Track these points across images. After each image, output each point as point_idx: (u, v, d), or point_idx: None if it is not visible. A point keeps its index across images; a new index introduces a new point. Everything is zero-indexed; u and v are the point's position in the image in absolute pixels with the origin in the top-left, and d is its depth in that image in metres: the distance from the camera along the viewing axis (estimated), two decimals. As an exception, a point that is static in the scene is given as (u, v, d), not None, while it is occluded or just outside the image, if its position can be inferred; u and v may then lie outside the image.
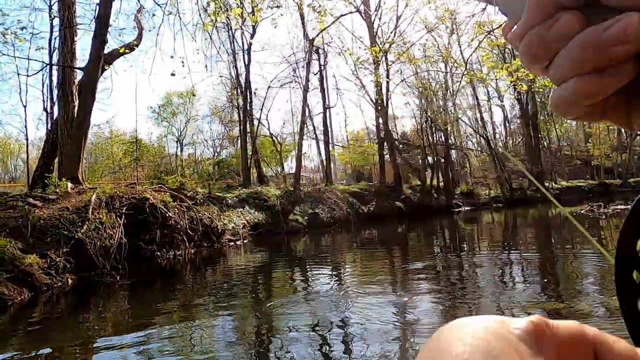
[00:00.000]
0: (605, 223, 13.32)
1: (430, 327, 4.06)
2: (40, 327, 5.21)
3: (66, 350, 4.18)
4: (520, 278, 6.33)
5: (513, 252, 9.25)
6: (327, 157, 24.97)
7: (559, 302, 4.62)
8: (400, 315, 4.49)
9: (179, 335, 4.43)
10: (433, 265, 7.82)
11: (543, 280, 6.02)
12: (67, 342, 4.41)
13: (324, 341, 3.79)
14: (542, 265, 7.34)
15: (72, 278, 7.65)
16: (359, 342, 3.61)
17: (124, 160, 29.17)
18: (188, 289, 7.25)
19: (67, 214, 8.69)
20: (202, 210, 12.55)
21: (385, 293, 5.62)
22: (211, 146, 36.39)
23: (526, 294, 5.13)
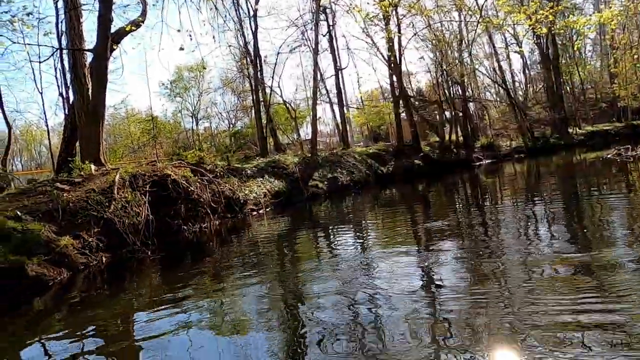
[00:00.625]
0: (634, 166, 12.92)
1: (455, 285, 4.10)
2: (81, 303, 5.51)
3: (107, 322, 4.42)
4: (545, 229, 6.27)
5: (537, 202, 9.11)
6: (342, 119, 24.68)
7: (585, 253, 4.55)
8: (424, 274, 4.54)
9: (211, 303, 4.61)
10: (455, 220, 7.81)
11: (569, 230, 5.95)
12: (108, 315, 4.66)
13: (351, 304, 3.88)
14: (567, 214, 7.23)
15: (106, 256, 7.97)
16: (386, 304, 3.68)
17: (142, 139, 29.56)
18: (216, 259, 7.48)
19: (94, 195, 8.95)
20: (222, 182, 12.73)
21: (408, 252, 5.68)
22: (226, 118, 36.42)
23: (552, 246, 5.08)
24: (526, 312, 3.10)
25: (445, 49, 24.46)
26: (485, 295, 3.59)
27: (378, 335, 3.10)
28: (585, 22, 12.56)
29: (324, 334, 3.21)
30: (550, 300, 3.25)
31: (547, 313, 3.04)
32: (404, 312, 3.41)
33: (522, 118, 27.81)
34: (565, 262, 4.25)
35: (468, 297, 3.59)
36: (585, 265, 4.06)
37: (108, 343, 3.84)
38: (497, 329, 2.89)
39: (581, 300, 3.21)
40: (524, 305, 3.21)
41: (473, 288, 3.84)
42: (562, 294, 3.35)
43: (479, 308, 3.30)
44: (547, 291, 3.49)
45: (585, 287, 3.49)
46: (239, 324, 3.86)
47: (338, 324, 3.36)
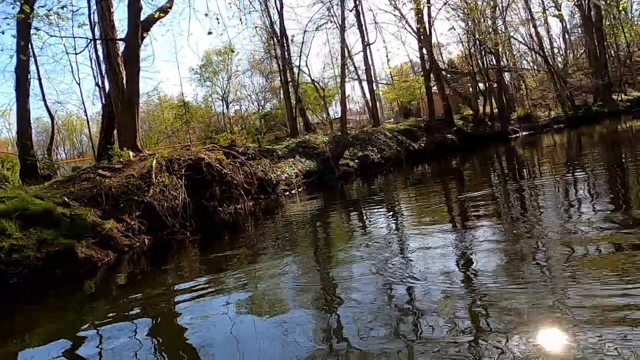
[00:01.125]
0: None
1: (493, 265, 4.04)
2: (128, 283, 5.84)
3: (153, 302, 4.67)
4: (587, 202, 6.01)
5: (578, 174, 8.73)
6: (372, 96, 24.30)
7: (630, 230, 4.36)
8: (460, 254, 4.48)
9: (248, 282, 4.77)
10: (491, 196, 7.63)
11: (612, 205, 5.69)
12: (153, 295, 4.92)
13: (386, 284, 3.90)
14: (611, 187, 6.90)
15: (148, 238, 8.35)
16: (421, 285, 3.67)
17: (176, 124, 30.29)
18: (251, 240, 7.68)
19: (134, 181, 9.32)
20: (254, 164, 12.93)
21: (443, 231, 5.61)
22: (255, 100, 36.72)
23: (594, 220, 4.89)
24: (569, 293, 3.03)
25: (478, 17, 23.40)
26: (524, 276, 3.53)
27: (414, 316, 3.11)
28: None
29: (360, 316, 3.24)
30: (594, 281, 3.16)
31: (591, 295, 2.96)
32: (439, 293, 3.37)
33: (562, 86, 26.45)
34: (607, 239, 4.09)
35: (506, 278, 3.53)
36: (628, 243, 3.89)
37: (154, 322, 4.07)
38: (537, 310, 2.85)
39: (627, 279, 3.10)
40: (567, 286, 3.13)
41: (511, 268, 3.78)
42: (607, 275, 3.25)
43: (518, 289, 3.24)
44: (590, 270, 3.39)
45: (630, 266, 3.36)
46: (276, 303, 3.98)
47: (374, 306, 3.37)
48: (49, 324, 4.58)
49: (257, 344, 3.13)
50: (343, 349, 2.81)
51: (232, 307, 3.98)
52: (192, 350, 3.27)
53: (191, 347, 3.32)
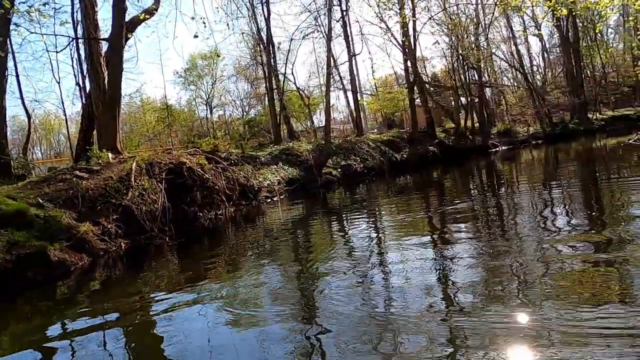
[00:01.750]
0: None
1: (471, 281, 4.08)
2: (102, 288, 5.68)
3: (127, 307, 4.54)
4: (562, 213, 6.17)
5: (554, 188, 8.97)
6: (356, 106, 24.50)
7: (602, 235, 4.50)
8: (439, 267, 4.52)
9: (226, 289, 4.70)
10: (471, 207, 7.75)
11: (586, 214, 5.85)
12: (127, 300, 4.79)
13: (365, 296, 3.89)
14: (585, 199, 7.10)
15: (125, 242, 8.15)
16: (400, 297, 3.66)
17: (158, 127, 29.87)
18: (231, 245, 7.59)
19: (112, 183, 9.12)
20: (237, 170, 12.83)
21: (422, 241, 5.66)
22: (239, 106, 36.55)
23: (568, 228, 5.02)
24: (544, 310, 3.08)
25: (462, 33, 23.95)
26: (501, 293, 3.57)
27: (392, 332, 3.09)
28: (609, 3, 12.12)
29: (338, 329, 3.22)
30: (568, 299, 3.22)
31: (565, 313, 3.01)
32: (418, 308, 3.38)
33: (540, 103, 27.20)
34: (581, 240, 4.19)
35: (483, 294, 3.57)
36: (601, 242, 4.00)
37: (127, 331, 3.96)
38: (512, 327, 2.88)
39: (599, 298, 3.17)
40: (541, 304, 3.16)
41: (488, 284, 3.82)
42: (579, 293, 3.32)
43: (495, 305, 3.27)
44: (564, 289, 3.46)
45: (601, 284, 3.45)
46: (253, 311, 3.93)
47: (353, 319, 3.36)
48: (14, 330, 4.41)
49: (234, 356, 3.07)
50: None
51: (210, 317, 3.89)
52: (166, 357, 3.19)
53: (165, 359, 3.24)
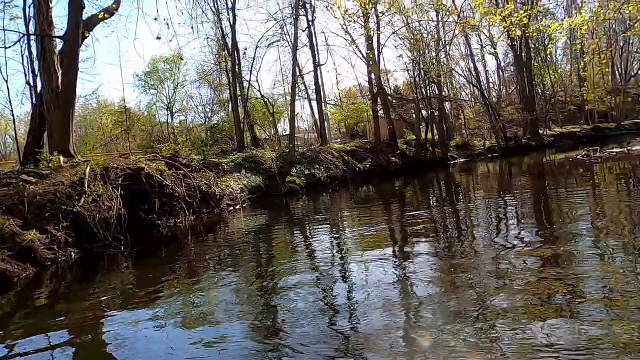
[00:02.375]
0: (601, 168, 13.42)
1: (430, 279, 4.15)
2: (49, 301, 5.30)
3: (76, 321, 4.25)
4: (515, 226, 6.42)
5: (508, 199, 9.36)
6: (321, 116, 24.65)
7: (554, 246, 4.73)
8: (401, 277, 4.57)
9: (184, 300, 4.52)
10: (430, 218, 7.92)
11: (537, 227, 6.12)
12: (78, 315, 4.48)
13: (328, 308, 3.85)
14: (536, 212, 7.45)
15: (76, 252, 7.70)
16: (361, 310, 3.64)
17: (115, 131, 28.74)
18: (191, 256, 7.34)
19: (63, 189, 8.63)
20: (198, 177, 12.51)
21: (383, 250, 5.71)
22: (202, 112, 35.80)
23: (522, 239, 5.23)
24: (497, 327, 3.16)
25: (423, 49, 24.74)
26: (457, 305, 3.64)
27: (353, 343, 3.07)
28: (558, 27, 12.94)
29: (299, 341, 3.16)
30: (520, 312, 3.32)
31: (517, 328, 3.10)
32: (378, 319, 3.38)
33: (496, 119, 28.47)
34: (534, 252, 4.37)
35: (441, 308, 3.63)
36: (551, 257, 4.19)
37: (76, 343, 3.70)
38: (468, 342, 2.94)
39: (549, 311, 3.30)
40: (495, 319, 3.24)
41: (445, 298, 3.89)
42: (530, 305, 3.44)
43: (451, 318, 3.33)
44: (516, 301, 3.58)
45: (552, 279, 3.60)
46: (212, 322, 3.78)
47: (313, 329, 3.32)
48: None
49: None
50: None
51: (167, 333, 3.69)
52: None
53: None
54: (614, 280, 3.58)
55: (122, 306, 4.60)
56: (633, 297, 3.14)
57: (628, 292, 3.27)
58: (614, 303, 3.11)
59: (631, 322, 2.76)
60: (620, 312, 2.95)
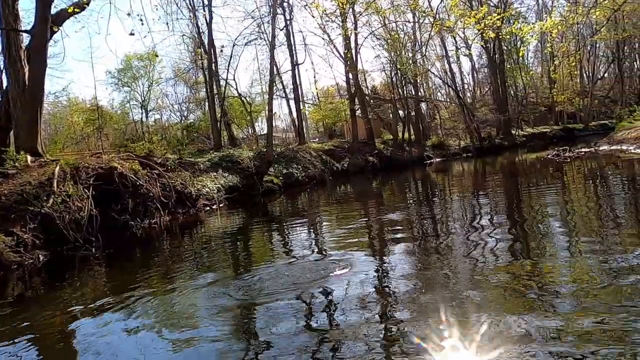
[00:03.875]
0: (569, 167, 13.88)
1: (405, 275, 4.19)
2: (14, 305, 5.08)
3: (43, 326, 4.09)
4: (488, 224, 6.54)
5: (482, 197, 9.57)
6: (299, 115, 24.60)
7: (525, 242, 4.86)
8: (377, 268, 4.60)
9: (159, 303, 4.41)
10: (407, 217, 8.00)
11: (509, 225, 6.27)
12: (44, 319, 4.32)
13: (304, 307, 3.83)
14: (508, 209, 7.64)
15: (44, 254, 7.43)
16: (339, 310, 3.64)
17: (86, 130, 27.89)
18: (166, 257, 7.19)
19: (30, 189, 8.31)
20: (174, 176, 12.27)
21: (361, 252, 5.73)
22: (177, 110, 35.17)
23: (493, 240, 5.34)
24: (472, 319, 3.22)
25: (400, 49, 25.02)
26: (433, 302, 3.69)
27: (330, 341, 3.08)
28: (530, 29, 13.30)
29: (276, 339, 3.15)
30: (494, 305, 3.40)
31: (494, 319, 3.16)
32: (355, 317, 3.40)
33: (470, 119, 29.07)
34: (506, 268, 4.47)
35: (417, 304, 3.67)
36: (522, 253, 4.30)
37: (43, 350, 3.57)
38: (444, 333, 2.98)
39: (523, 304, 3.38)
40: (471, 312, 3.32)
41: (422, 295, 3.93)
42: (504, 299, 3.52)
43: (428, 312, 3.38)
44: (490, 294, 3.65)
45: (523, 274, 3.69)
46: (188, 330, 3.67)
47: (289, 328, 3.30)
48: None
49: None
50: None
51: (140, 336, 3.59)
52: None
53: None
54: (581, 275, 3.70)
55: (92, 310, 4.45)
56: (599, 290, 3.26)
57: (594, 285, 3.39)
58: (581, 296, 3.22)
59: (597, 314, 2.86)
60: (586, 304, 3.07)
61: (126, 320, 3.98)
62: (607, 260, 3.96)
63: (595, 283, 3.45)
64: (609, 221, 5.83)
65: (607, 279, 3.50)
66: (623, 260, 3.89)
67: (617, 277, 3.52)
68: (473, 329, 2.87)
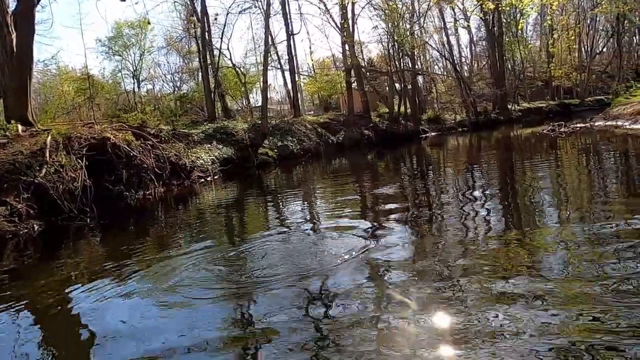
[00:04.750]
0: (564, 141, 13.92)
1: (400, 258, 4.25)
2: (10, 274, 5.11)
3: (41, 294, 4.14)
4: (481, 196, 6.60)
5: (476, 171, 9.62)
6: (294, 87, 24.26)
7: (517, 213, 4.94)
8: (371, 237, 4.65)
9: (155, 270, 4.46)
10: (401, 191, 8.05)
11: (502, 197, 6.34)
12: (42, 287, 4.36)
13: (298, 274, 3.88)
14: (501, 183, 7.69)
15: (39, 224, 7.42)
16: (332, 279, 3.70)
17: (77, 99, 27.35)
18: (161, 227, 7.23)
19: (22, 159, 8.23)
20: (167, 147, 12.18)
21: (356, 225, 5.76)
22: (170, 81, 34.49)
23: (487, 208, 5.41)
24: (461, 283, 3.29)
25: (398, 20, 24.48)
26: (426, 265, 3.76)
27: (321, 300, 3.17)
28: (530, 1, 13.06)
29: (269, 303, 3.23)
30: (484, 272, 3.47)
31: (480, 283, 3.24)
32: (349, 282, 3.47)
33: (467, 93, 28.83)
34: (497, 237, 4.55)
35: (410, 270, 3.74)
36: (514, 223, 4.38)
37: (40, 317, 3.62)
38: (435, 299, 3.05)
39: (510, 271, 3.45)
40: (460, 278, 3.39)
41: (414, 261, 4.00)
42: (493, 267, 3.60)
43: (420, 277, 3.45)
44: (481, 264, 3.72)
45: (514, 243, 3.77)
46: (184, 295, 3.73)
47: (284, 296, 3.36)
48: None
49: (162, 338, 2.93)
50: (251, 335, 2.74)
51: (136, 301, 3.66)
52: (87, 345, 2.96)
53: (86, 341, 3.01)
54: (569, 242, 3.79)
55: (88, 277, 4.50)
56: (584, 256, 3.37)
57: (580, 252, 3.50)
58: (567, 261, 3.36)
59: (581, 278, 2.98)
60: (572, 269, 3.20)
61: (121, 286, 4.04)
62: (593, 228, 4.09)
63: (581, 250, 3.57)
64: (599, 193, 5.97)
65: (593, 246, 3.63)
66: (609, 228, 4.02)
67: (602, 244, 3.64)
68: (462, 292, 2.95)
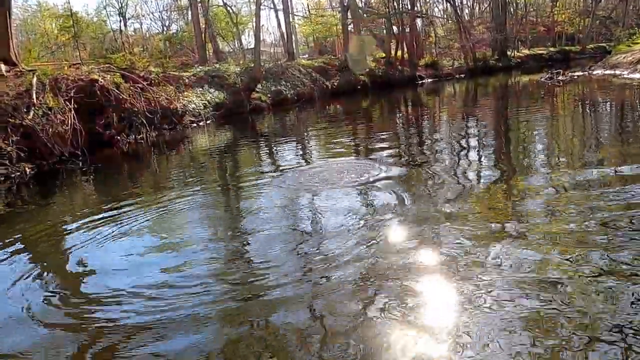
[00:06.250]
0: (561, 90, 13.75)
1: (391, 189, 4.32)
2: (4, 216, 5.16)
3: (36, 235, 4.21)
4: (474, 145, 6.63)
5: (471, 120, 9.57)
6: (287, 29, 23.31)
7: (508, 164, 5.02)
8: (364, 182, 4.71)
9: (148, 212, 4.52)
10: (395, 136, 8.04)
11: (496, 145, 6.37)
12: (36, 227, 4.43)
13: (293, 219, 3.97)
14: (495, 132, 7.70)
15: (30, 167, 7.39)
16: (324, 220, 3.79)
17: (61, 38, 26.19)
18: (154, 172, 7.23)
19: (8, 100, 8.01)
20: (158, 91, 11.87)
21: (349, 164, 5.80)
22: (159, 19, 32.98)
23: (479, 158, 5.46)
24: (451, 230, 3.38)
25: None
26: (416, 215, 3.84)
27: (314, 235, 3.31)
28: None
29: (262, 240, 3.35)
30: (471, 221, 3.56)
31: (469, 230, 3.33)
32: (342, 224, 3.57)
33: (467, 38, 27.92)
34: (490, 171, 4.62)
35: (400, 216, 3.82)
36: (505, 173, 4.46)
37: (35, 256, 3.71)
38: (425, 246, 3.16)
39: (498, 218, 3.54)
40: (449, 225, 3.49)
41: (403, 210, 4.07)
42: (481, 217, 3.68)
43: (411, 238, 3.54)
44: (472, 217, 3.80)
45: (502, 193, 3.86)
46: (178, 235, 3.83)
47: (276, 236, 3.47)
48: None
49: (153, 271, 3.04)
50: (246, 274, 2.84)
51: (130, 241, 3.76)
52: (81, 278, 3.08)
53: (80, 275, 3.12)
54: (556, 186, 3.91)
55: (82, 219, 4.55)
56: (569, 199, 3.48)
57: (566, 195, 3.63)
58: (551, 204, 3.50)
59: (564, 220, 3.12)
60: (556, 211, 3.33)
61: (115, 227, 4.12)
62: (581, 174, 4.23)
63: (567, 194, 3.71)
64: (591, 141, 6.04)
65: (578, 191, 3.77)
66: (596, 175, 4.18)
67: (588, 189, 3.79)
68: (449, 234, 3.06)
